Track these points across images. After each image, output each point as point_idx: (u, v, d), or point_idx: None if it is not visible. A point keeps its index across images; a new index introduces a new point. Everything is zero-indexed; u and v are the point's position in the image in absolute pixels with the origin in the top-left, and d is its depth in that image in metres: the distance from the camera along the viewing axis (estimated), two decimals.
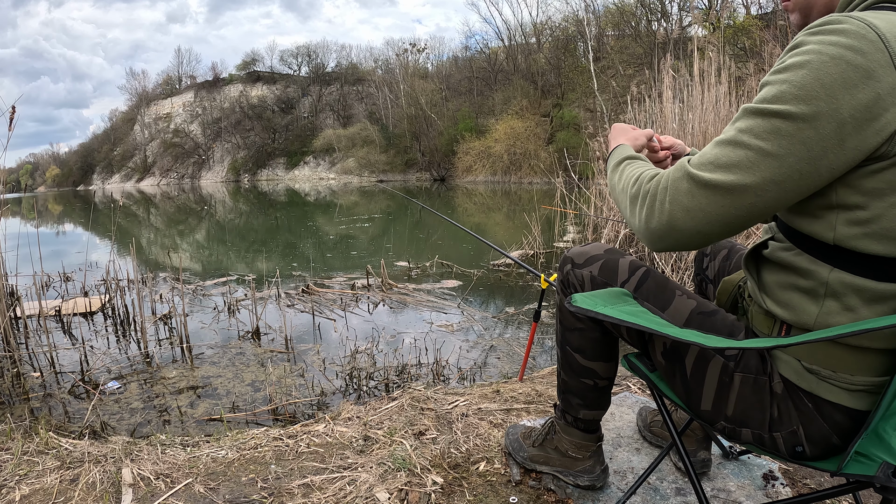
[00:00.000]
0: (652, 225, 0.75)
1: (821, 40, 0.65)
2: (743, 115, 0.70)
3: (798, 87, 0.64)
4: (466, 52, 43.15)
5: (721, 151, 0.70)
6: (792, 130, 0.64)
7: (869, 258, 0.68)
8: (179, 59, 64.86)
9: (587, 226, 5.84)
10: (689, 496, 1.25)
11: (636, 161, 0.91)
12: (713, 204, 0.69)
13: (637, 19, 29.46)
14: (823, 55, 0.64)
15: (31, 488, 1.35)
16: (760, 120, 0.67)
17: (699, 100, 4.76)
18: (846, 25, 0.64)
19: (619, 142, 1.03)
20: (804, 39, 0.67)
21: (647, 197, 0.77)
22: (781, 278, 0.78)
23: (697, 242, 0.73)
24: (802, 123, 0.64)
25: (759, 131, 0.67)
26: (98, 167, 62.05)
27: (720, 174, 0.69)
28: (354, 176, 39.93)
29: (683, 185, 0.72)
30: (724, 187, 0.68)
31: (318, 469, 1.44)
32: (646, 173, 0.81)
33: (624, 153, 0.96)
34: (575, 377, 1.16)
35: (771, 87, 0.68)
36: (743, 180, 0.67)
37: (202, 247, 9.08)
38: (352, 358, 2.94)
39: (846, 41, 0.63)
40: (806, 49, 0.66)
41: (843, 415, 0.75)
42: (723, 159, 0.69)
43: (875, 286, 0.69)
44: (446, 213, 11.86)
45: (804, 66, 0.65)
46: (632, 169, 0.87)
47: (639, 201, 0.79)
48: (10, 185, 34.68)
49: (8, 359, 2.83)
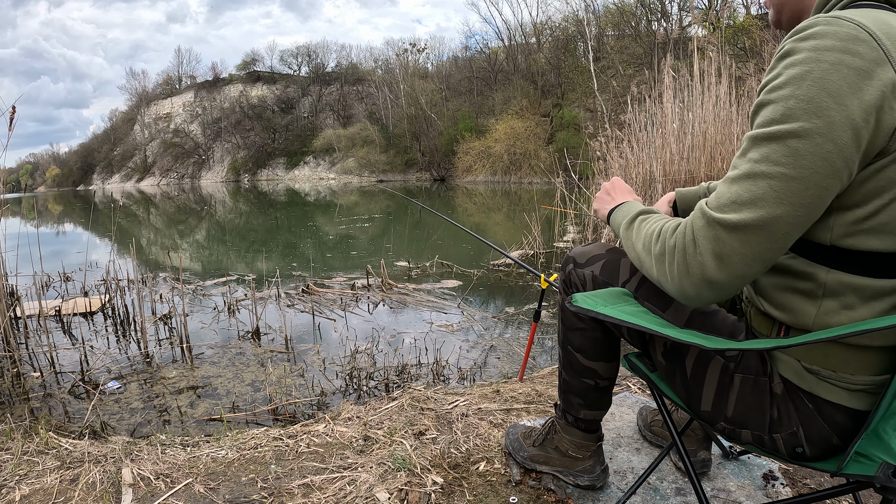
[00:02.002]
0: (686, 283, 0.70)
1: (814, 46, 0.63)
2: (753, 145, 0.66)
3: (805, 100, 0.61)
4: (466, 52, 43.22)
5: (741, 188, 0.65)
6: (811, 148, 0.61)
7: (866, 255, 0.68)
8: (179, 59, 65.00)
9: (587, 226, 5.84)
10: (689, 496, 1.25)
11: (651, 215, 0.84)
12: (747, 245, 0.65)
13: (637, 19, 29.47)
14: (822, 62, 0.61)
15: (31, 488, 1.35)
16: (775, 145, 0.63)
17: (699, 100, 4.76)
18: (835, 28, 0.63)
19: (624, 198, 0.98)
20: (794, 47, 0.65)
21: (676, 252, 0.71)
22: (777, 281, 0.77)
23: (738, 287, 0.69)
24: (819, 138, 0.61)
25: (777, 157, 0.63)
26: (98, 167, 62.05)
27: (747, 212, 0.64)
28: (354, 176, 39.94)
29: (710, 233, 0.67)
30: (755, 225, 0.64)
31: (318, 469, 1.44)
32: (667, 226, 0.76)
33: (634, 209, 0.89)
34: (576, 377, 1.16)
35: (775, 107, 0.64)
36: (773, 212, 0.63)
37: (202, 247, 9.09)
38: (352, 358, 2.94)
39: (841, 44, 0.61)
40: (800, 59, 0.63)
41: (843, 415, 0.75)
42: (745, 196, 0.65)
43: (873, 283, 0.68)
44: (446, 213, 11.87)
45: (805, 77, 0.62)
46: (649, 225, 0.81)
47: (666, 259, 0.73)
48: (10, 185, 34.64)
49: (8, 359, 2.83)
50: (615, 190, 1.02)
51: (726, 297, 0.71)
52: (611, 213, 0.97)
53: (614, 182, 1.04)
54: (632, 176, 5.13)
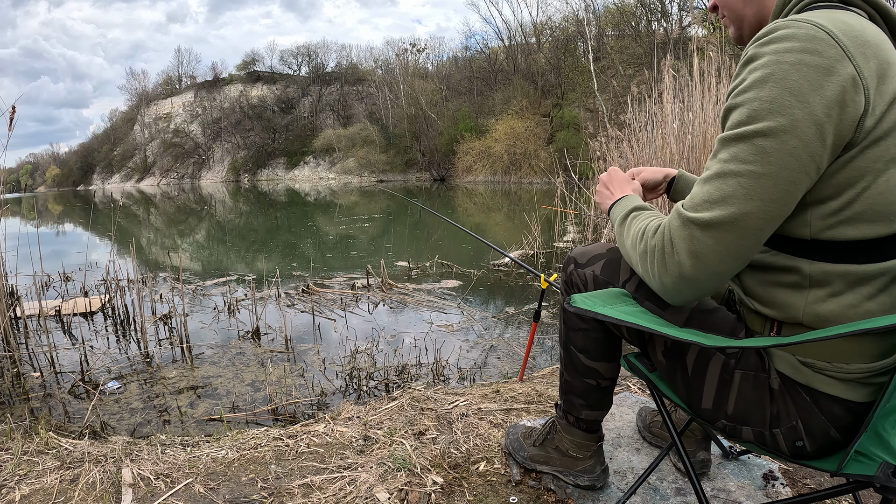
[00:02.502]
0: (666, 280, 0.74)
1: (775, 49, 0.65)
2: (722, 146, 0.69)
3: (769, 101, 0.64)
4: (466, 52, 43.20)
5: (712, 187, 0.69)
6: (776, 145, 0.64)
7: (846, 244, 0.69)
8: (179, 59, 64.93)
9: (587, 226, 5.85)
10: (689, 496, 1.25)
11: (641, 212, 0.88)
12: (721, 242, 0.68)
13: (637, 19, 29.46)
14: (783, 64, 0.64)
15: (31, 488, 1.35)
16: (743, 145, 0.66)
17: (699, 100, 4.76)
18: (794, 30, 0.65)
19: (624, 191, 0.99)
20: (756, 52, 0.67)
21: (655, 252, 0.75)
22: (762, 278, 0.79)
23: (716, 283, 0.72)
24: (784, 135, 0.64)
25: (745, 156, 0.66)
26: (98, 167, 62.07)
27: (718, 210, 0.67)
28: (354, 176, 39.94)
29: (685, 232, 0.70)
30: (726, 222, 0.67)
31: (318, 469, 1.44)
32: (650, 226, 0.79)
33: (629, 205, 0.91)
34: (578, 377, 1.16)
35: (741, 110, 0.67)
36: (744, 209, 0.66)
37: (202, 247, 9.09)
38: (352, 358, 2.94)
39: (800, 45, 0.64)
40: (762, 62, 0.66)
41: (840, 407, 0.75)
42: (716, 194, 0.68)
43: (857, 269, 0.70)
44: (446, 213, 11.87)
45: (767, 79, 0.65)
46: (637, 222, 0.85)
47: (647, 258, 0.77)
48: (10, 185, 34.68)
49: (8, 359, 2.83)
50: (613, 183, 1.02)
51: (706, 294, 0.74)
52: (611, 209, 0.98)
53: (611, 173, 1.04)
54: None
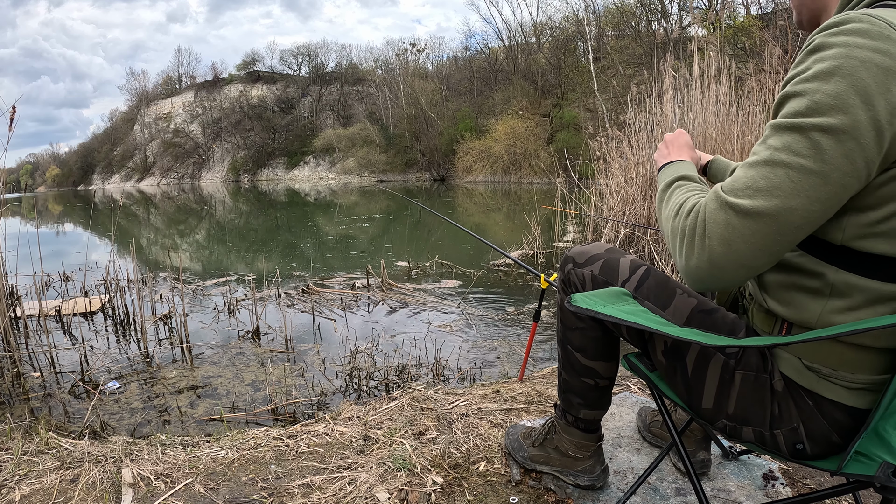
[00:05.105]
0: (692, 264, 0.69)
1: (845, 42, 0.61)
2: (775, 132, 0.65)
3: (833, 96, 0.60)
4: (466, 52, 43.20)
5: (758, 174, 0.64)
6: (833, 144, 0.60)
7: (874, 258, 0.68)
8: (179, 59, 64.95)
9: (587, 226, 5.84)
10: (689, 496, 1.25)
11: (686, 184, 0.82)
12: (757, 233, 0.64)
13: (637, 19, 29.45)
14: (852, 59, 0.60)
15: (31, 488, 1.35)
16: (798, 136, 0.62)
17: (699, 100, 4.76)
18: (867, 25, 0.61)
19: (681, 156, 0.94)
20: (824, 41, 0.64)
21: (686, 232, 0.70)
22: (784, 278, 0.77)
23: (742, 277, 0.68)
24: (843, 135, 0.60)
25: (798, 148, 0.62)
26: (98, 167, 62.03)
27: (761, 199, 0.63)
28: (354, 176, 39.92)
29: (721, 217, 0.66)
30: (767, 214, 0.63)
31: (318, 469, 1.44)
32: (687, 202, 0.74)
33: (678, 171, 0.87)
34: (576, 376, 1.16)
35: (801, 99, 0.63)
36: (788, 204, 0.62)
37: (202, 247, 9.08)
38: (352, 358, 2.94)
39: (872, 43, 0.60)
40: (831, 53, 0.62)
41: (843, 413, 0.75)
42: (762, 182, 0.63)
43: (880, 287, 0.68)
44: (446, 213, 11.86)
45: (834, 72, 0.61)
46: (678, 195, 0.80)
47: (678, 236, 0.73)
48: (10, 185, 34.66)
49: (8, 359, 2.83)
50: (674, 144, 1.00)
51: (727, 287, 0.69)
52: (661, 169, 0.95)
53: (677, 135, 1.02)
54: (632, 176, 5.13)
